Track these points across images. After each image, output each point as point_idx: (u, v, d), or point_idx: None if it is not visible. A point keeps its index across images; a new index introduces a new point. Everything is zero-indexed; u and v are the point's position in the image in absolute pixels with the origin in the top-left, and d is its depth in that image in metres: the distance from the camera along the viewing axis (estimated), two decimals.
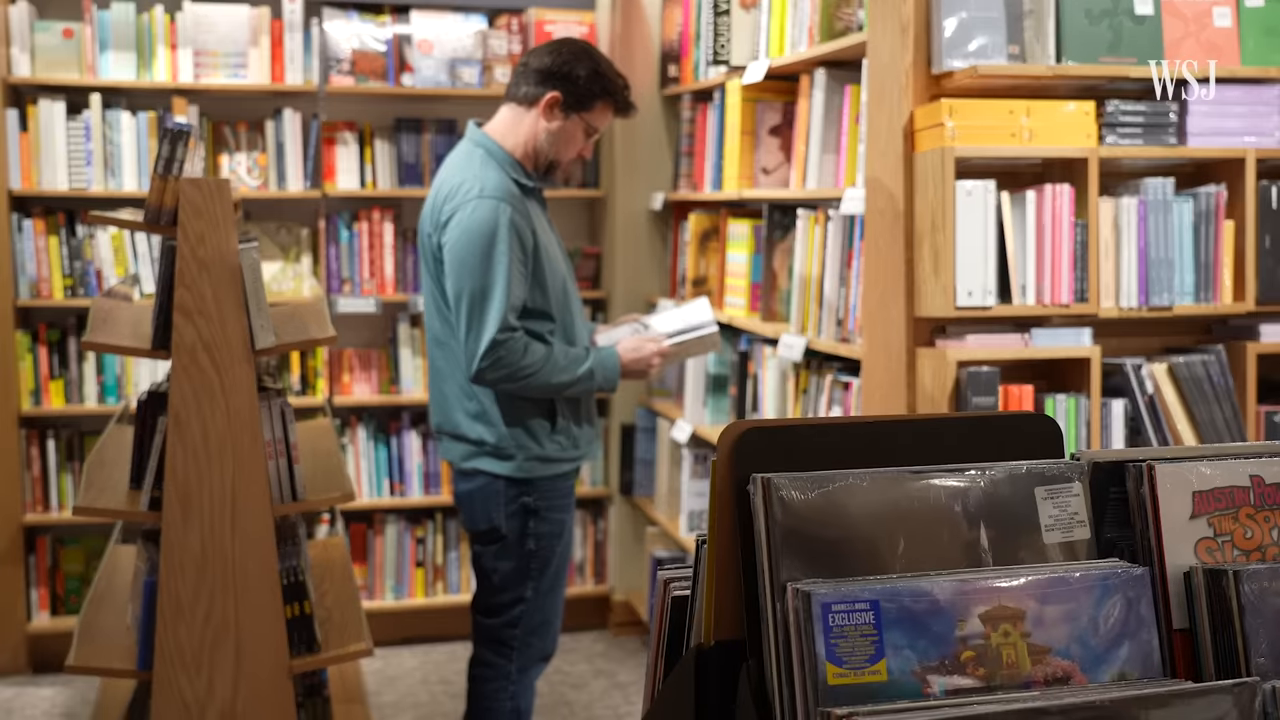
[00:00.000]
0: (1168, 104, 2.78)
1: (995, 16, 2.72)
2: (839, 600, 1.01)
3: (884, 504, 1.11)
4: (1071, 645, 1.06)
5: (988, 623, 1.04)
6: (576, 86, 3.06)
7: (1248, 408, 2.78)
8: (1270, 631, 1.07)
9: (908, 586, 1.03)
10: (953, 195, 2.62)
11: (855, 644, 1.00)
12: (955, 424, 1.28)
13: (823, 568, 1.08)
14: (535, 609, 3.16)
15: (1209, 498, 1.16)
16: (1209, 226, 2.78)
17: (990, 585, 1.06)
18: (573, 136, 3.10)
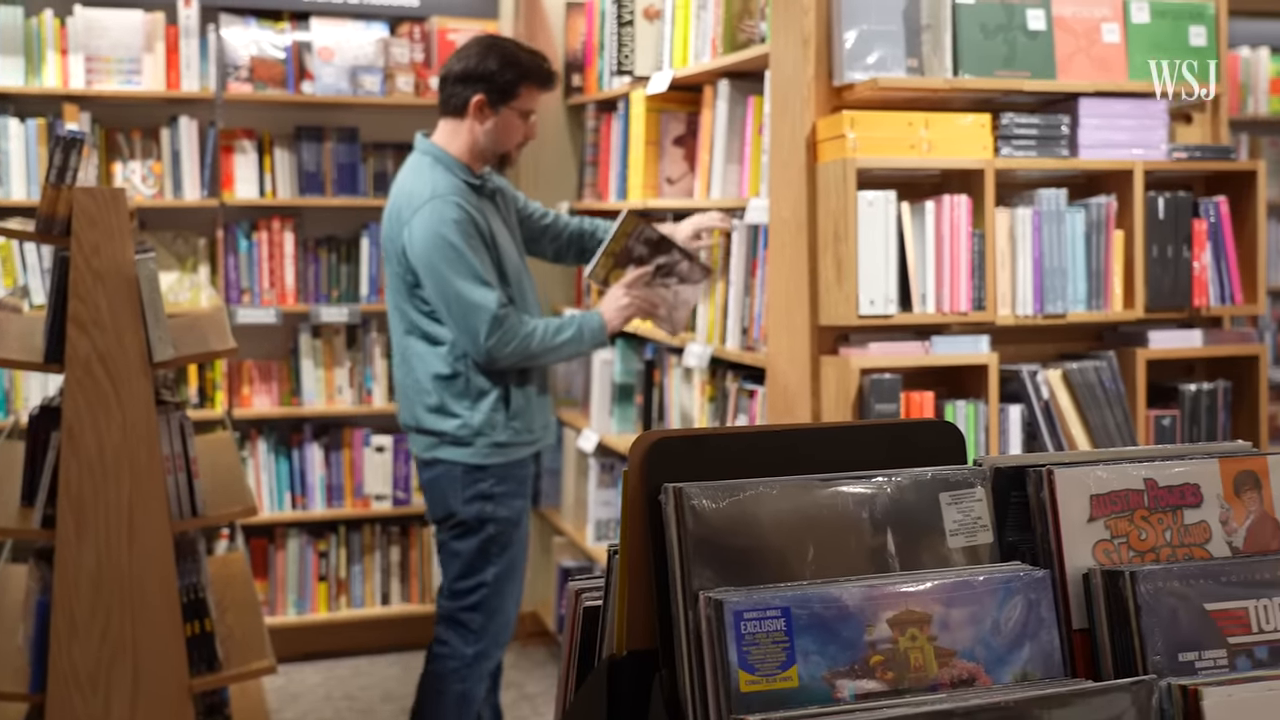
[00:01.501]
0: (1061, 117, 2.85)
1: (894, 30, 2.77)
2: (750, 608, 1.02)
3: (793, 512, 1.12)
4: (976, 647, 1.08)
5: (895, 627, 1.06)
6: (495, 82, 3.18)
7: (1138, 412, 2.86)
8: (1165, 630, 1.10)
9: (818, 593, 1.05)
10: (854, 206, 2.66)
11: (767, 651, 1.01)
12: (861, 432, 1.29)
13: (734, 576, 1.09)
14: (495, 594, 3.25)
15: (1105, 501, 1.19)
16: (1100, 236, 2.86)
17: (897, 590, 1.07)
18: (510, 126, 3.24)
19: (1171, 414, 2.91)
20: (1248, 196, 2.98)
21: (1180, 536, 1.20)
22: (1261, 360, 2.96)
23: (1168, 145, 2.94)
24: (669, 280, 3.35)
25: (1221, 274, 2.95)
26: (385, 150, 4.80)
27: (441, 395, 3.18)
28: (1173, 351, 2.92)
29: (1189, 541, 1.20)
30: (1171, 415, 2.91)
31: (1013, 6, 2.81)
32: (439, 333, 3.17)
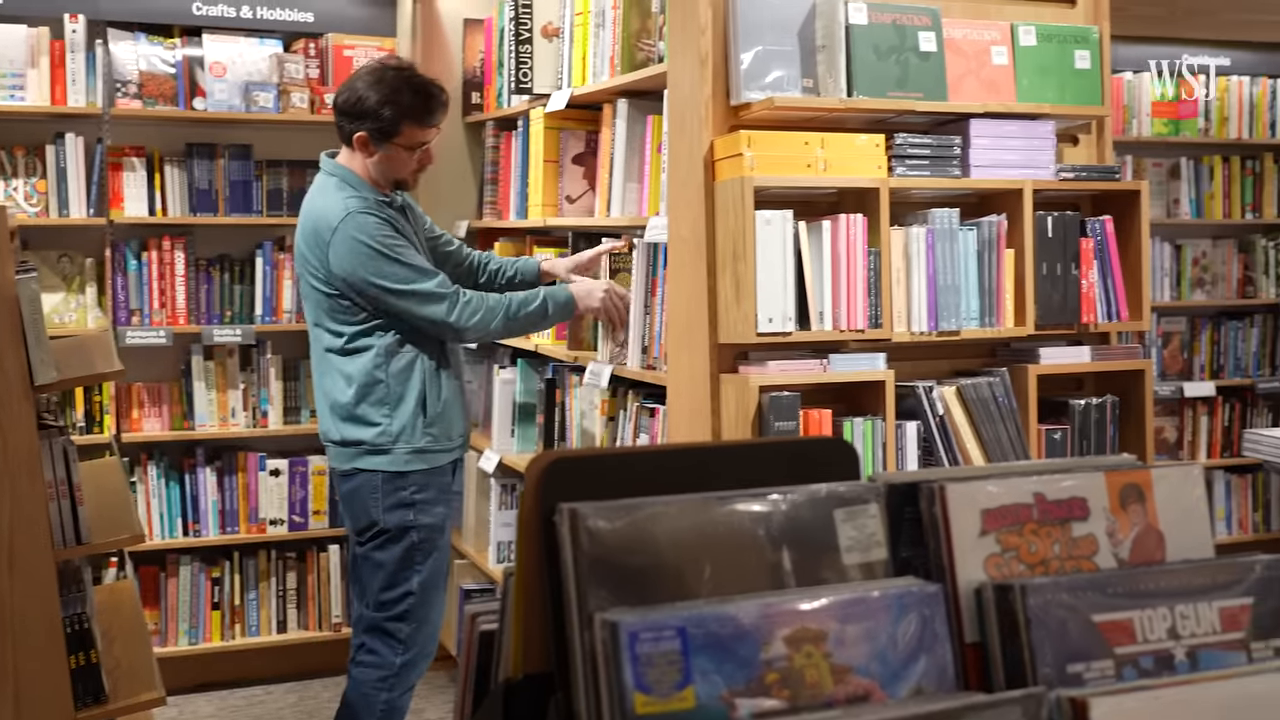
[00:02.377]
0: (953, 138, 2.90)
1: (790, 50, 2.80)
2: (645, 628, 1.01)
3: (690, 530, 1.12)
4: (871, 663, 1.09)
5: (791, 644, 1.06)
6: (375, 120, 3.14)
7: (1029, 426, 2.92)
8: (1054, 642, 1.12)
9: (713, 612, 1.04)
10: (752, 224, 2.68)
11: (663, 671, 1.01)
12: (757, 449, 1.30)
13: (631, 596, 1.08)
14: (422, 603, 3.23)
15: (996, 515, 1.20)
16: (991, 254, 2.91)
17: (793, 607, 1.07)
18: (397, 159, 3.20)
19: (1062, 428, 2.97)
20: (1132, 216, 3.06)
21: (1068, 549, 1.22)
22: (1147, 375, 3.04)
23: (1055, 165, 3.01)
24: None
25: (1108, 291, 3.03)
26: (280, 168, 4.73)
27: (359, 404, 3.17)
28: (1062, 367, 2.98)
29: (1077, 554, 1.22)
30: (1062, 429, 2.97)
31: (904, 28, 2.86)
32: (359, 343, 3.16)
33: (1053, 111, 3.00)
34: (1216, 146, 5.71)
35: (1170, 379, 5.62)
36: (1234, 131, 5.68)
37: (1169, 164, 5.67)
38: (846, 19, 2.80)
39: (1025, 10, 3.11)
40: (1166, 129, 5.67)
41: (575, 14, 3.67)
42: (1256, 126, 5.73)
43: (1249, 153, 5.75)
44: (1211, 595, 1.19)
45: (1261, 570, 1.22)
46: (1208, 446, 5.69)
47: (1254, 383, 5.72)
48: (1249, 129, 5.71)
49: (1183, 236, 5.69)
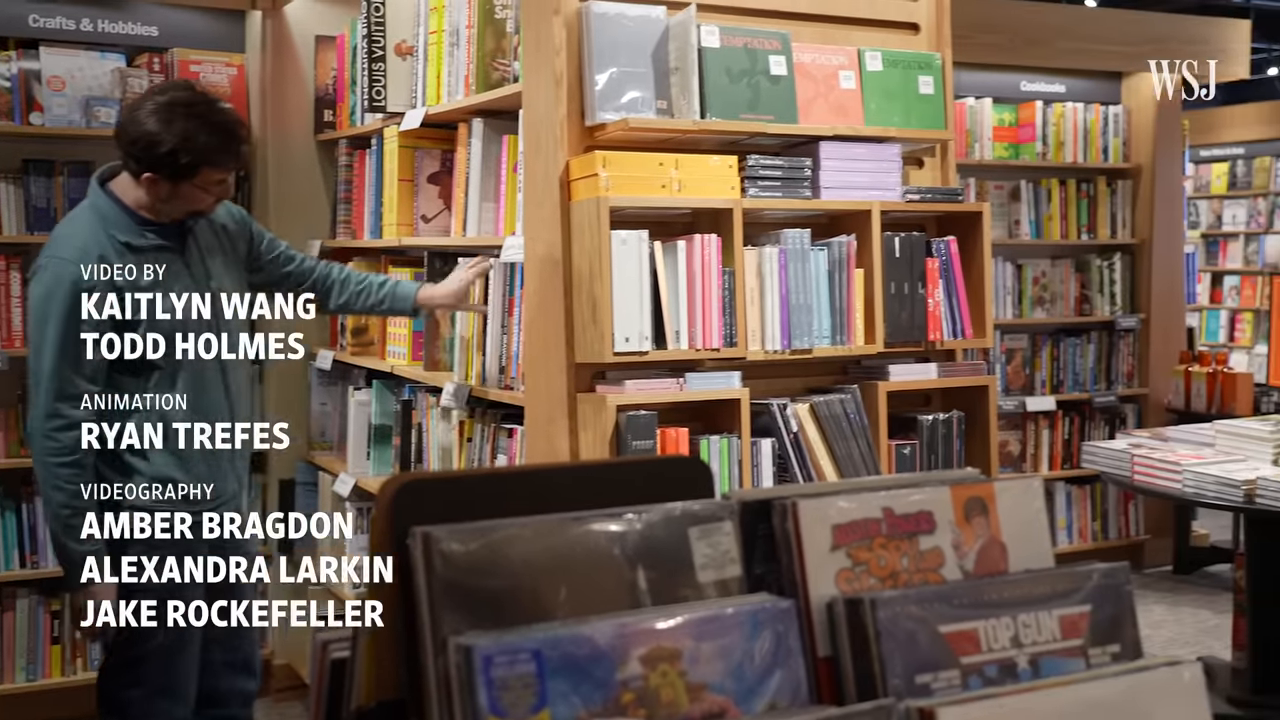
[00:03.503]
0: (803, 159, 2.96)
1: (644, 72, 2.82)
2: (500, 651, 1.00)
3: (545, 552, 1.12)
4: (726, 680, 1.10)
5: (647, 663, 1.06)
6: (167, 166, 2.78)
7: (880, 442, 2.99)
8: (903, 654, 1.14)
9: (569, 633, 1.04)
10: (608, 244, 2.69)
11: (518, 695, 1.00)
12: (612, 469, 1.30)
13: (485, 620, 1.07)
14: (159, 670, 2.92)
15: (846, 530, 1.22)
16: (842, 274, 2.98)
17: (648, 626, 1.08)
18: (191, 196, 2.85)
19: (911, 443, 3.05)
20: (975, 236, 3.16)
21: (916, 562, 1.25)
22: (991, 390, 3.14)
23: (902, 187, 3.09)
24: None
25: (953, 309, 3.12)
26: None
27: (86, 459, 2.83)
28: (911, 384, 3.06)
29: (924, 567, 1.25)
30: (911, 444, 3.04)
31: (756, 52, 2.91)
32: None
33: (899, 135, 3.08)
34: (1054, 170, 5.94)
35: (1014, 394, 5.81)
36: (1070, 156, 5.92)
37: (1010, 186, 5.87)
38: (699, 42, 2.83)
39: (871, 36, 3.19)
40: (1007, 153, 5.88)
41: (429, 32, 3.64)
42: (1090, 151, 5.98)
43: (1084, 176, 6.00)
44: (1051, 604, 1.23)
45: (1099, 579, 1.27)
46: (1049, 459, 5.89)
47: (1091, 397, 5.95)
48: (1083, 154, 5.95)
49: (1023, 256, 5.90)
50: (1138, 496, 5.81)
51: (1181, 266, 6.22)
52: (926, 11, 3.27)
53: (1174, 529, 5.97)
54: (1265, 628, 4.02)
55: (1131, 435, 4.53)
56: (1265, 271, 9.40)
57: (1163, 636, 4.93)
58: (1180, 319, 6.24)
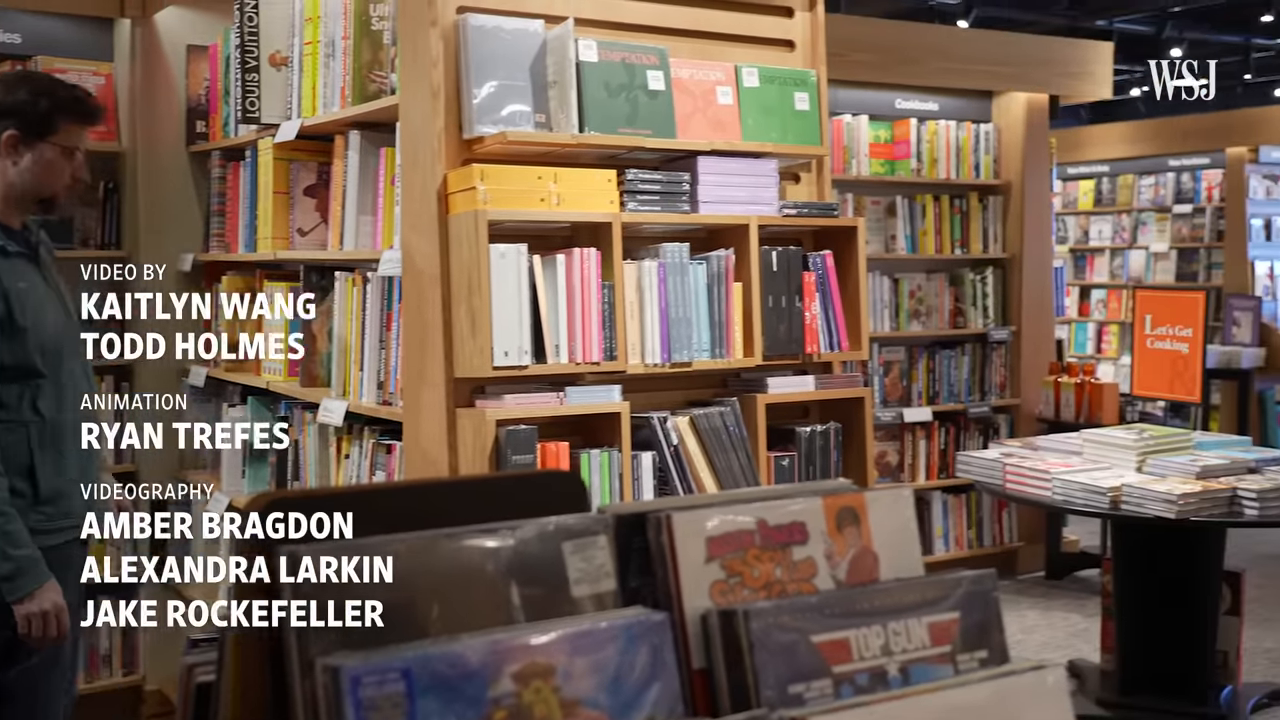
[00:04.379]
0: (682, 174, 2.98)
1: (522, 85, 2.81)
2: (368, 672, 0.98)
3: (416, 569, 1.10)
4: (600, 695, 1.09)
5: (519, 681, 1.05)
6: (27, 115, 2.76)
7: (759, 454, 3.01)
8: (776, 664, 1.15)
9: (440, 652, 1.03)
10: (486, 258, 2.67)
11: (387, 716, 0.98)
12: (485, 485, 1.29)
13: (354, 640, 1.05)
14: (23, 707, 2.78)
15: (720, 542, 1.23)
16: (720, 288, 3.00)
17: (521, 643, 1.07)
18: (53, 165, 2.80)
19: (790, 455, 3.08)
20: (850, 250, 3.21)
21: (789, 573, 1.26)
22: (866, 402, 3.19)
23: (779, 202, 3.13)
24: None
25: (829, 323, 3.17)
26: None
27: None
28: (789, 396, 3.09)
29: (797, 577, 1.26)
30: (790, 456, 3.08)
31: (634, 67, 2.93)
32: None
33: (776, 150, 3.12)
34: (928, 186, 6.08)
35: (891, 405, 5.91)
36: (943, 172, 6.06)
37: (886, 202, 5.99)
38: (577, 56, 2.84)
39: (748, 53, 3.22)
40: (883, 169, 5.99)
41: (304, 43, 3.58)
42: (962, 168, 6.13)
43: (957, 192, 6.14)
44: (921, 611, 1.25)
45: (967, 585, 1.29)
46: (926, 468, 6.01)
47: (966, 407, 6.08)
48: (956, 170, 6.10)
49: (900, 271, 6.01)
50: (1011, 504, 5.96)
51: (1050, 280, 6.40)
52: (802, 29, 3.32)
53: (1045, 535, 6.13)
54: (1131, 630, 4.15)
55: (1004, 445, 4.64)
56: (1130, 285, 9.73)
57: (1035, 640, 5.06)
58: (1050, 331, 6.43)
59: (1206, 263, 9.46)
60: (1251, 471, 3.87)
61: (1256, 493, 3.64)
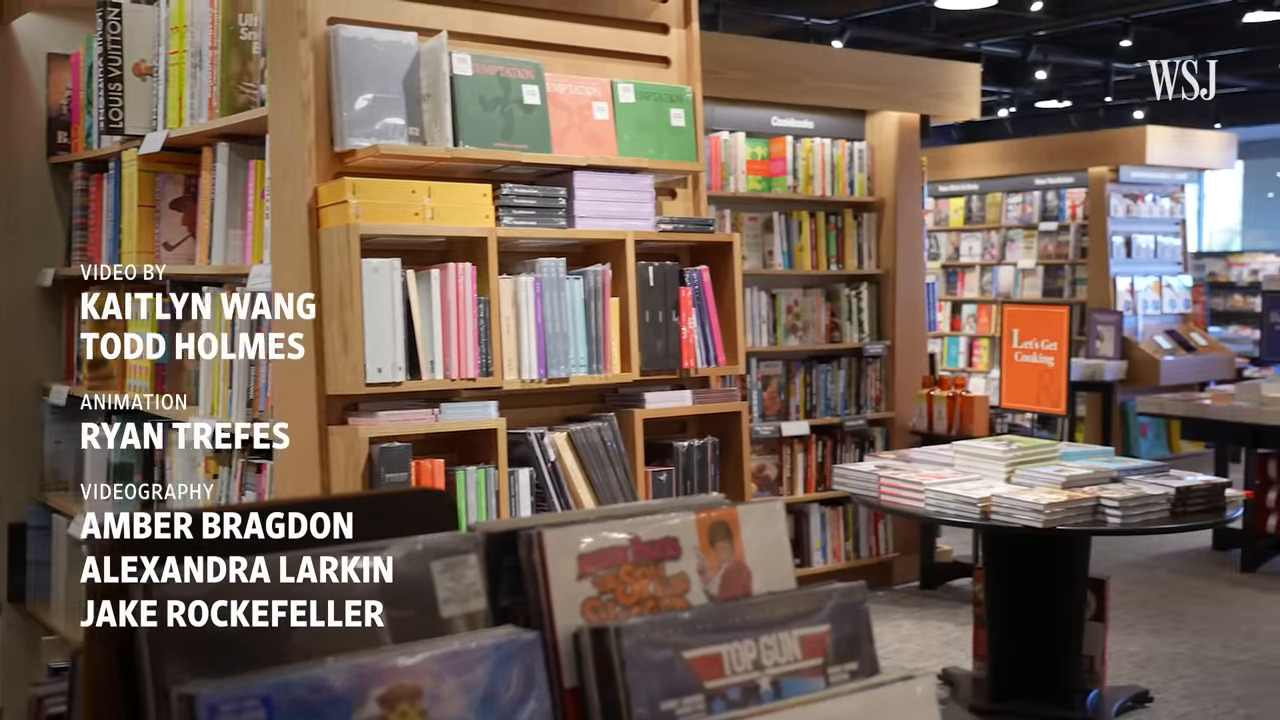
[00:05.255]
0: (558, 189, 2.97)
1: (395, 98, 2.78)
2: (225, 700, 0.95)
3: (278, 591, 1.07)
4: (470, 716, 1.07)
5: (385, 704, 1.02)
6: None
7: (637, 469, 3.01)
8: (649, 682, 1.14)
9: (301, 676, 1.00)
10: (359, 273, 2.63)
11: None
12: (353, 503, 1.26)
13: (212, 666, 1.01)
14: None
15: (592, 559, 1.22)
16: (597, 303, 3.00)
17: (387, 665, 1.04)
18: None
19: (667, 469, 3.09)
20: (726, 266, 3.23)
21: (662, 589, 1.26)
22: (742, 416, 3.21)
23: (655, 217, 3.14)
24: None
25: (706, 337, 3.18)
26: None
27: None
28: (666, 411, 3.10)
29: (670, 593, 1.26)
30: (667, 470, 3.08)
31: (509, 81, 2.91)
32: None
33: (652, 166, 3.13)
34: (804, 203, 6.16)
35: (770, 419, 5.97)
36: (819, 189, 6.15)
37: (763, 218, 6.05)
38: (451, 69, 2.81)
39: (624, 69, 3.23)
40: (760, 186, 6.06)
41: (170, 52, 3.49)
42: (837, 185, 6.22)
43: (832, 209, 6.23)
44: (792, 625, 1.25)
45: (838, 598, 1.30)
46: (804, 481, 6.08)
47: (842, 421, 6.17)
48: (831, 187, 6.19)
49: (777, 286, 6.08)
50: (886, 516, 6.05)
51: (923, 296, 6.53)
52: (677, 46, 3.34)
53: (920, 546, 6.24)
54: (1002, 637, 4.24)
55: (878, 457, 4.71)
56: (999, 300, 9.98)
57: (911, 649, 5.14)
58: (922, 345, 6.56)
59: (1071, 278, 9.76)
60: (1114, 481, 3.99)
61: (1118, 501, 3.75)
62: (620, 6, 3.26)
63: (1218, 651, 5.06)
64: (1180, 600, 5.85)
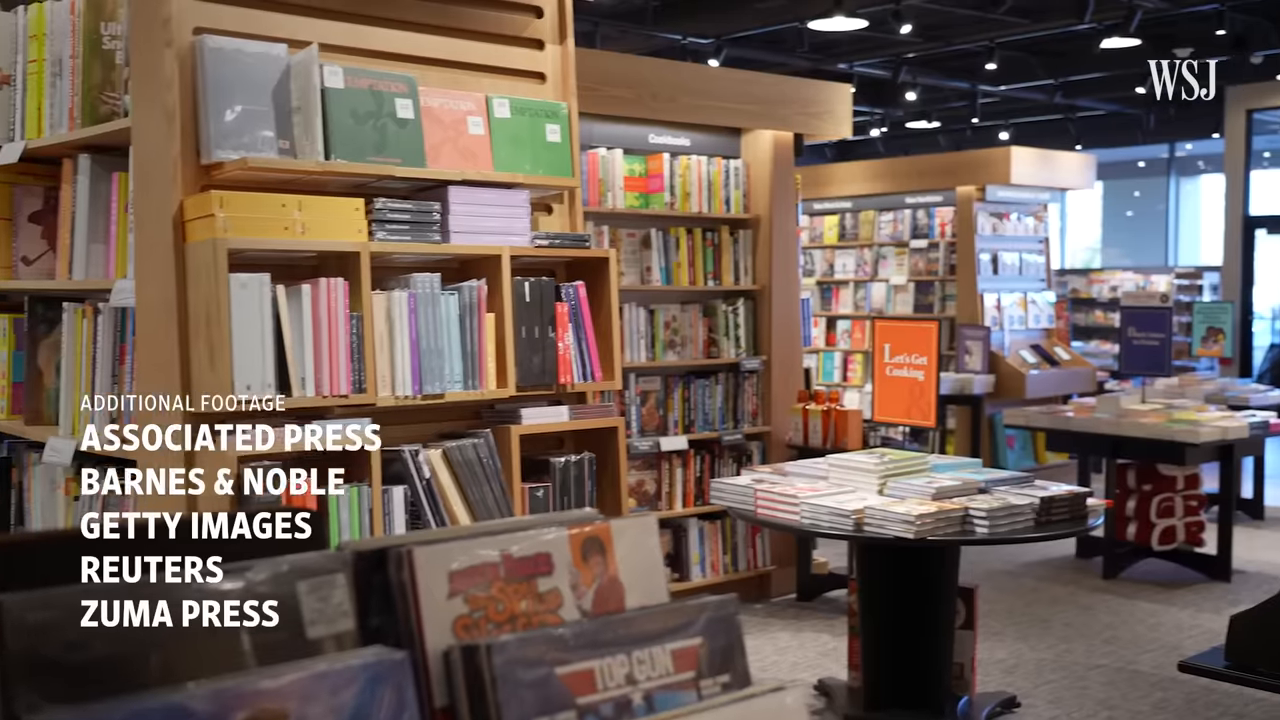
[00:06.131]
0: (432, 204, 2.95)
1: (264, 110, 2.73)
2: None
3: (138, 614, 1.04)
4: None
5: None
6: None
7: (514, 486, 3.00)
8: (521, 699, 1.14)
9: (160, 703, 0.97)
10: (226, 288, 2.57)
11: None
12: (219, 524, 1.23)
13: (68, 694, 0.98)
14: None
15: (464, 576, 1.21)
16: (473, 318, 2.98)
17: (250, 689, 1.02)
18: None
19: (544, 485, 3.07)
20: (602, 281, 3.24)
21: (535, 605, 1.25)
22: (620, 431, 3.22)
23: (531, 233, 3.13)
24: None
25: (583, 353, 3.18)
26: None
27: None
28: (542, 427, 3.09)
29: (543, 609, 1.25)
30: (544, 487, 3.07)
31: (382, 94, 2.88)
32: None
33: (527, 181, 3.12)
34: (682, 219, 6.21)
35: (649, 434, 5.99)
36: (696, 206, 6.20)
37: (641, 234, 6.08)
38: (322, 82, 2.77)
39: (499, 84, 3.22)
40: (638, 202, 6.09)
41: (29, 61, 3.38)
42: (714, 202, 6.28)
43: (709, 226, 6.29)
44: (665, 639, 1.25)
45: (711, 611, 1.31)
46: (683, 496, 6.11)
47: (720, 435, 6.22)
48: (708, 204, 6.25)
49: (655, 302, 6.11)
50: (763, 529, 6.11)
51: (798, 311, 6.62)
52: (553, 62, 3.34)
53: (797, 559, 6.32)
54: (875, 647, 4.31)
55: (755, 471, 4.75)
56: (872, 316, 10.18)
57: (788, 661, 5.20)
58: (798, 360, 6.65)
59: (941, 295, 9.99)
60: (981, 492, 4.09)
61: (986, 512, 3.85)
62: (495, 22, 3.25)
63: (1081, 656, 5.21)
64: (1046, 607, 6.02)
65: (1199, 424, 6.35)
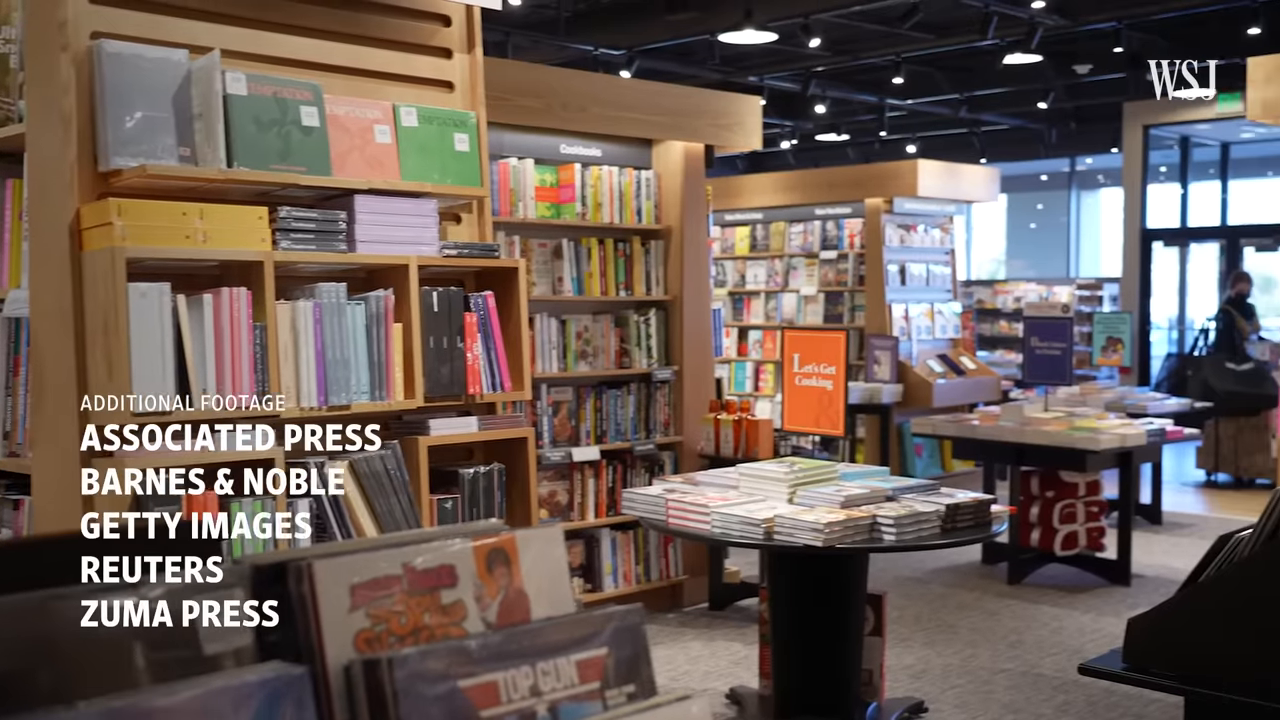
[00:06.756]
0: (338, 213, 2.91)
1: (165, 117, 2.67)
2: None
3: (22, 633, 1.01)
4: None
5: None
6: None
7: (422, 496, 2.97)
8: (424, 714, 1.12)
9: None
10: (125, 297, 2.51)
11: None
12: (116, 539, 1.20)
13: None
14: None
15: (366, 589, 1.19)
16: (380, 329, 2.95)
17: (144, 708, 0.99)
18: None
19: (453, 496, 3.05)
20: (512, 291, 3.22)
21: (439, 617, 1.24)
22: (529, 442, 3.21)
23: (439, 242, 3.11)
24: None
25: (492, 363, 3.16)
26: None
27: None
28: (451, 437, 3.07)
29: (447, 621, 1.24)
30: (453, 498, 3.05)
31: (286, 102, 2.84)
32: None
33: (435, 190, 3.10)
34: (593, 230, 6.21)
35: (561, 445, 5.97)
36: (607, 217, 6.20)
37: (553, 245, 6.07)
38: (224, 89, 2.73)
39: (406, 92, 3.20)
40: (549, 212, 6.08)
41: None
42: (625, 213, 6.29)
43: (620, 236, 6.30)
44: (570, 650, 1.25)
45: (617, 621, 1.30)
46: (595, 507, 6.10)
47: (632, 445, 6.22)
48: (619, 215, 6.26)
49: (567, 312, 6.10)
50: (675, 539, 6.12)
51: (710, 322, 6.65)
52: (461, 71, 3.32)
53: (709, 568, 6.34)
54: (786, 655, 4.34)
55: (666, 481, 4.76)
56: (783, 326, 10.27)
57: (700, 670, 5.21)
58: (710, 370, 6.68)
59: (850, 305, 10.11)
60: (889, 500, 4.14)
61: (893, 519, 3.89)
62: (402, 30, 3.22)
63: (987, 661, 5.30)
64: (952, 613, 6.11)
65: (1099, 431, 6.49)
